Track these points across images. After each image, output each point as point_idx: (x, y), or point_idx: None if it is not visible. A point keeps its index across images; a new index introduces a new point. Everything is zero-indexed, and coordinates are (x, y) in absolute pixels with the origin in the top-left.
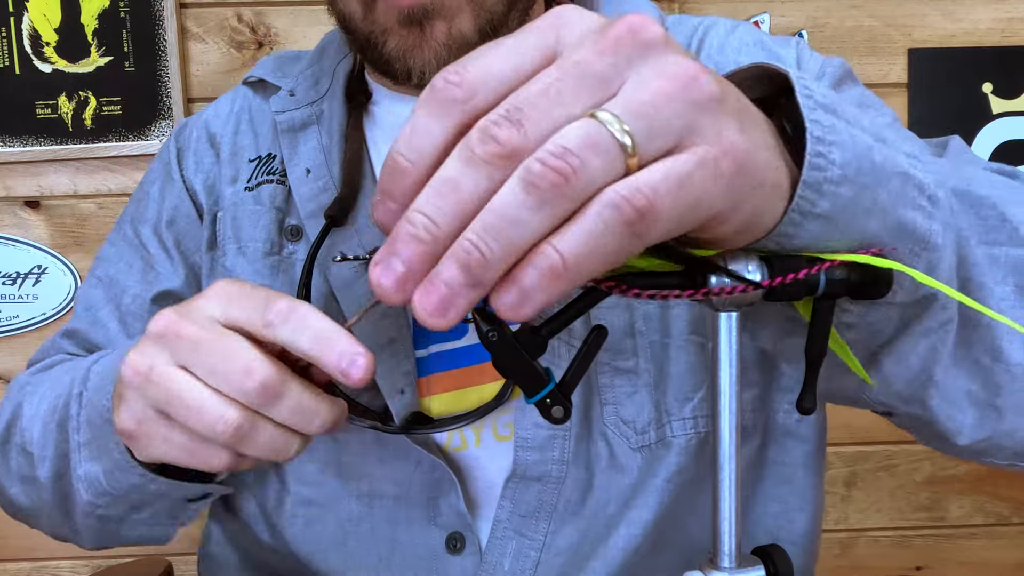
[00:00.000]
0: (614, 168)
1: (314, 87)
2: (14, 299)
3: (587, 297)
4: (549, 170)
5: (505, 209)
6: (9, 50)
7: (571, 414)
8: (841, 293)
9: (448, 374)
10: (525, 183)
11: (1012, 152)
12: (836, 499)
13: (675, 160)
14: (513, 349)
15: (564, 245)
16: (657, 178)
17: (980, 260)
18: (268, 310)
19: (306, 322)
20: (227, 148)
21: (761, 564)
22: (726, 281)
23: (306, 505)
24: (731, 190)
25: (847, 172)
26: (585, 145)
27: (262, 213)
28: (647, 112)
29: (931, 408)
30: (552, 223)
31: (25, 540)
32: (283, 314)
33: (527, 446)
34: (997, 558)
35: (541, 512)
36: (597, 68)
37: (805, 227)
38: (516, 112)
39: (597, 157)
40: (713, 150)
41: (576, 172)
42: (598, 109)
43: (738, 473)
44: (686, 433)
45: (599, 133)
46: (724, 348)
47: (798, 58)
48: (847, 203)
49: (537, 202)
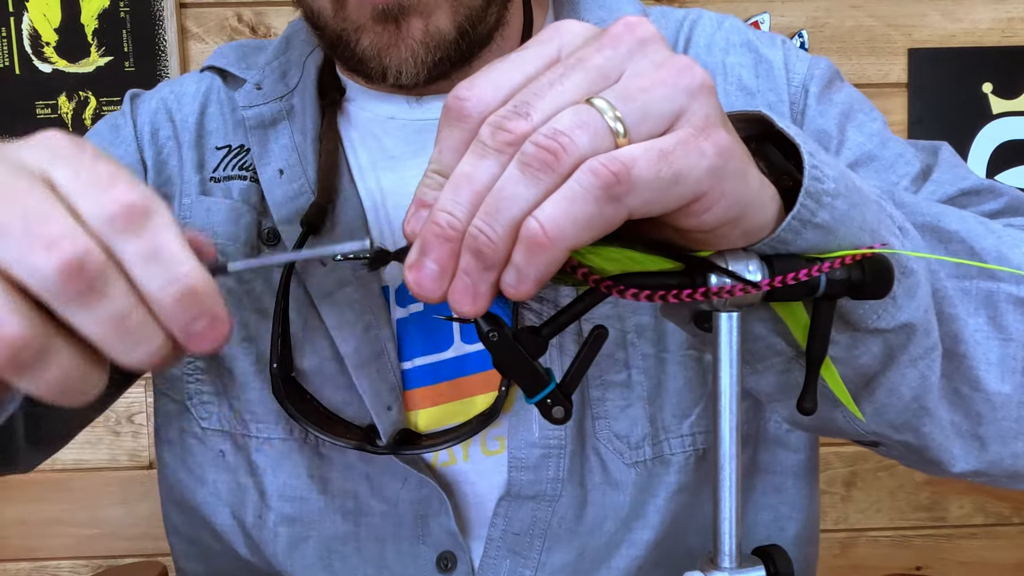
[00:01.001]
0: (604, 146)
1: (282, 80)
2: None
3: (587, 297)
4: (540, 149)
5: (503, 189)
6: (9, 50)
7: (572, 414)
8: (842, 293)
9: (434, 388)
10: (520, 163)
11: (1012, 152)
12: (836, 499)
13: (660, 137)
14: (513, 349)
15: (543, 213)
16: (638, 150)
17: (951, 293)
18: (106, 196)
19: (158, 244)
20: (192, 130)
21: (761, 564)
22: (726, 281)
23: (289, 522)
24: (712, 171)
25: (839, 187)
26: (575, 125)
27: (243, 211)
28: (639, 97)
29: (924, 435)
30: (543, 196)
31: (25, 540)
32: (129, 218)
33: (521, 466)
34: (997, 558)
35: (535, 530)
36: (597, 61)
37: (804, 236)
38: (524, 106)
39: (586, 135)
40: (697, 131)
41: (565, 148)
42: (594, 96)
43: (738, 473)
44: (684, 451)
45: (590, 115)
46: (724, 348)
47: (785, 60)
48: (843, 216)
49: (530, 178)
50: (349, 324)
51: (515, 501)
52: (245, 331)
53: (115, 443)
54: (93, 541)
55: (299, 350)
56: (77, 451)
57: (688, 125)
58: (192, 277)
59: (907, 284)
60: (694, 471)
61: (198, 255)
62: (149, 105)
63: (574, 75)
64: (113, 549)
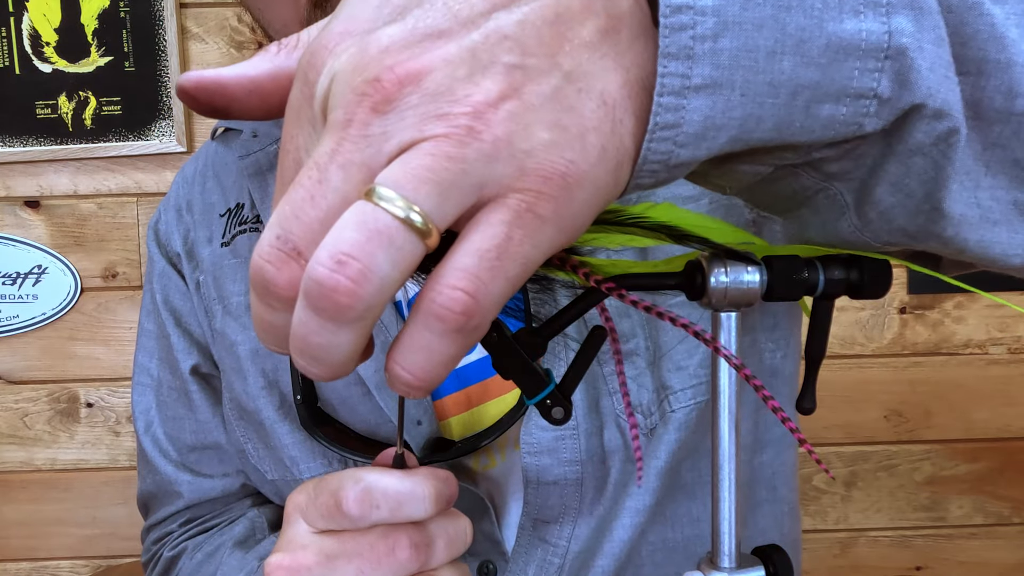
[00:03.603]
0: (412, 255)
1: (276, 124)
2: (14, 299)
3: (587, 298)
4: (329, 290)
5: (306, 339)
6: (9, 50)
7: (571, 415)
8: (841, 292)
9: (463, 393)
10: (312, 308)
11: None
12: (836, 499)
13: (483, 230)
14: (513, 350)
15: (405, 361)
16: (471, 263)
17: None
18: (346, 507)
19: (385, 496)
20: (198, 209)
21: (761, 564)
22: (725, 281)
23: None
24: (562, 218)
25: (728, 15)
26: (366, 240)
27: (240, 265)
28: (429, 177)
29: (952, 240)
30: (364, 335)
31: (25, 540)
32: (360, 503)
33: (533, 451)
34: (997, 558)
35: (565, 517)
36: (357, 134)
37: (688, 111)
38: (286, 237)
39: (383, 251)
40: (523, 196)
41: (364, 278)
42: (374, 184)
43: (738, 473)
44: (685, 405)
45: (377, 219)
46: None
47: None
48: (738, 54)
49: (334, 325)
50: None
51: (540, 488)
52: (264, 379)
53: (115, 443)
54: (93, 541)
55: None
56: (77, 451)
57: (508, 191)
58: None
59: (894, 68)
60: (694, 429)
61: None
62: (168, 220)
63: (337, 166)
64: (113, 549)
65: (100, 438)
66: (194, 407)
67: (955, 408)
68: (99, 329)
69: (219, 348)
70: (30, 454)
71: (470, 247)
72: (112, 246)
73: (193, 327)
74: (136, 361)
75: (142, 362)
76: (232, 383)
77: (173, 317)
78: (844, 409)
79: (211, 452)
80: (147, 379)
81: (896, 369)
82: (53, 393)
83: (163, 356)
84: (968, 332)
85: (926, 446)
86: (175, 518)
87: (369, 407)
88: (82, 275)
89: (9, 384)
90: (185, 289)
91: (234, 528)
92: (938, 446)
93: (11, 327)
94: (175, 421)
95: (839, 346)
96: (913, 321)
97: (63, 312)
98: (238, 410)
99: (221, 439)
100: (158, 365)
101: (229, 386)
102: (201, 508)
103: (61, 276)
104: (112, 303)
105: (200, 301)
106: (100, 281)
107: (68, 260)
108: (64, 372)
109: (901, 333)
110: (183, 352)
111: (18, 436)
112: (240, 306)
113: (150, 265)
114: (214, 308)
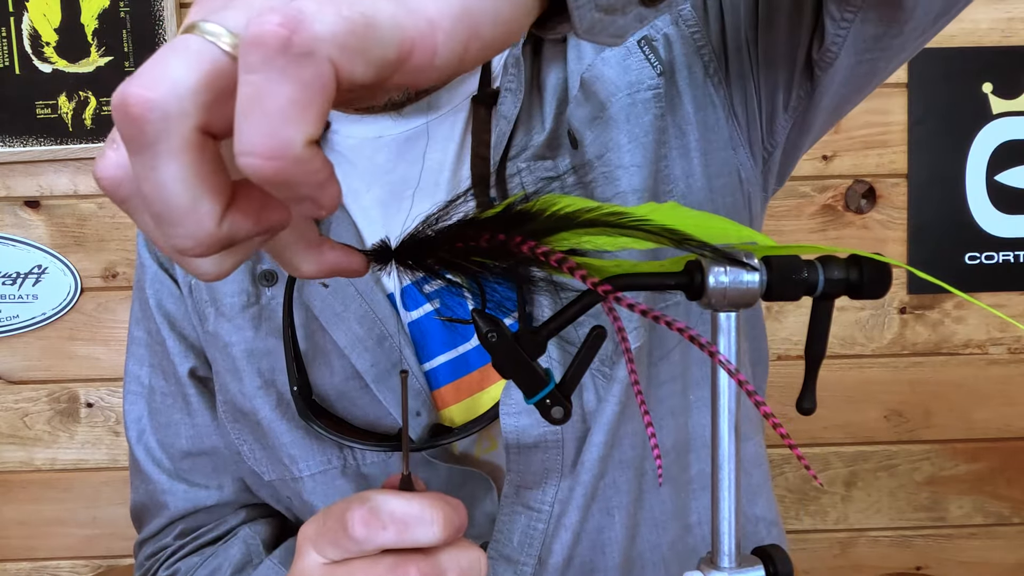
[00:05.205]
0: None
1: None
2: (14, 299)
3: (584, 299)
4: (122, 111)
5: (143, 193)
6: (9, 50)
7: (571, 414)
8: (841, 293)
9: (462, 381)
10: (126, 143)
11: (1012, 152)
12: (836, 499)
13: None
14: (512, 349)
15: (246, 145)
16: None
17: None
18: (351, 530)
19: (392, 517)
20: None
21: (761, 564)
22: (725, 281)
23: None
24: (407, 6)
25: None
26: (161, 56)
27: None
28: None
29: None
30: (189, 166)
31: (25, 540)
32: (366, 524)
33: (513, 411)
34: (997, 558)
35: (548, 480)
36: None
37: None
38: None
39: (178, 57)
40: None
41: (154, 83)
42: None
43: (738, 473)
44: (635, 328)
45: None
46: (724, 348)
47: None
48: None
49: (149, 155)
50: (361, 340)
51: (522, 453)
52: (260, 379)
53: (115, 443)
54: (93, 541)
55: (316, 373)
56: (77, 451)
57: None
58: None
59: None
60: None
61: None
62: None
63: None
64: (113, 549)
65: (100, 438)
66: (192, 411)
67: (955, 408)
68: (99, 329)
69: (212, 350)
70: (30, 454)
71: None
72: (112, 246)
73: (187, 330)
74: (127, 370)
75: (132, 370)
76: (227, 384)
77: (168, 321)
78: (844, 409)
79: (206, 459)
80: (138, 387)
81: (896, 369)
82: (53, 393)
83: (155, 362)
84: (968, 332)
85: (926, 446)
86: (168, 530)
87: (368, 400)
88: (82, 275)
89: (9, 384)
90: (178, 293)
91: (230, 551)
92: (938, 446)
93: (11, 327)
94: (168, 428)
95: (839, 346)
96: (913, 321)
97: (63, 312)
98: (233, 412)
99: (218, 443)
100: (149, 372)
101: (223, 388)
102: (196, 518)
103: (61, 276)
104: (112, 303)
105: (193, 304)
106: (100, 281)
107: (68, 260)
108: (64, 372)
109: (901, 333)
110: (180, 355)
111: (18, 436)
112: (233, 307)
113: (140, 271)
114: (206, 311)
